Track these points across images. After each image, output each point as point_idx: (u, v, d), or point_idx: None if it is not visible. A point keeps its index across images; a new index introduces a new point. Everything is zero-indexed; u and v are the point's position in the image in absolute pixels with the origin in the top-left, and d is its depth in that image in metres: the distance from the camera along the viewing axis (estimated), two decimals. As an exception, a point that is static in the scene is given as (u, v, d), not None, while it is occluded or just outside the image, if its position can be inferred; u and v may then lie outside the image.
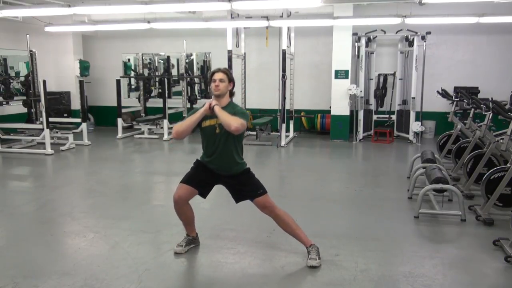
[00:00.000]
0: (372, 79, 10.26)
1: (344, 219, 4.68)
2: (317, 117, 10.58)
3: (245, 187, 3.50)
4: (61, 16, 9.16)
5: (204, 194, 3.62)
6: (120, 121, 10.23)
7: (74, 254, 3.75)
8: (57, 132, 8.97)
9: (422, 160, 5.80)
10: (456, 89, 8.70)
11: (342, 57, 9.46)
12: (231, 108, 3.40)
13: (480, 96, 8.58)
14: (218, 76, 3.41)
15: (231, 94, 3.51)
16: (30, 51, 8.77)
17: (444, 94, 7.43)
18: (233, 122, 3.21)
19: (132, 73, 12.03)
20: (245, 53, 10.38)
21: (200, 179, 3.55)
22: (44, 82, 8.18)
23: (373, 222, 4.50)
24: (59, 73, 11.13)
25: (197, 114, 3.38)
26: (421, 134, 9.59)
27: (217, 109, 3.31)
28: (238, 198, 3.58)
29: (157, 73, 12.20)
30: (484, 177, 4.54)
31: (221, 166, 3.49)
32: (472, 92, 8.48)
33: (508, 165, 4.40)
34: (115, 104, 10.30)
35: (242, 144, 3.55)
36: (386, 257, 3.63)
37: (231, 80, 3.47)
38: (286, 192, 5.93)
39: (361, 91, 9.56)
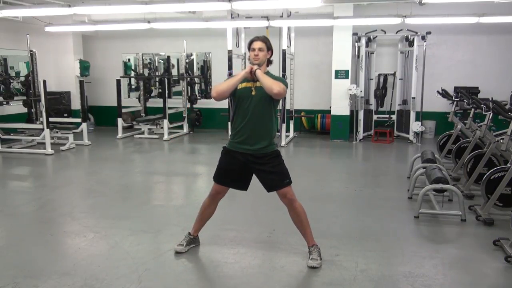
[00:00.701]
0: (372, 79, 10.26)
1: (344, 219, 4.68)
2: (317, 117, 10.58)
3: (273, 175, 3.41)
4: (61, 16, 9.16)
5: (243, 188, 3.56)
6: (120, 121, 10.23)
7: (74, 254, 3.75)
8: (57, 132, 8.97)
9: (422, 160, 5.80)
10: (456, 89, 8.70)
11: (342, 57, 9.46)
12: (270, 76, 3.38)
13: (480, 96, 8.58)
14: (257, 45, 3.38)
15: (269, 62, 3.48)
16: (30, 51, 8.76)
17: (444, 94, 7.43)
18: (275, 86, 3.21)
19: (132, 73, 12.03)
20: (245, 53, 10.36)
21: (230, 175, 3.50)
22: (44, 82, 8.18)
23: (373, 222, 4.50)
24: (59, 73, 11.13)
25: (238, 76, 3.35)
26: (421, 134, 9.59)
27: (259, 73, 3.29)
28: (269, 187, 3.47)
29: (157, 73, 12.19)
30: (484, 177, 4.54)
31: (250, 137, 3.38)
32: (472, 92, 8.48)
33: (508, 165, 4.40)
34: (115, 104, 10.30)
35: (276, 116, 3.48)
36: (386, 257, 3.63)
37: (269, 48, 3.44)
38: (286, 192, 5.92)
39: (361, 91, 9.56)
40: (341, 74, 9.54)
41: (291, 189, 3.45)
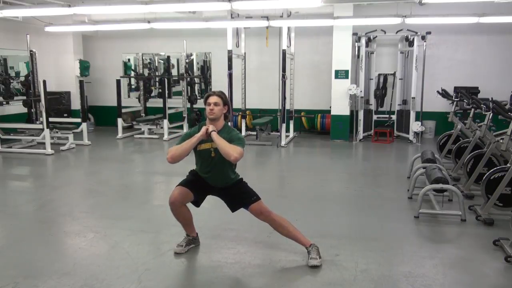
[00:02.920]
0: (372, 79, 10.26)
1: (344, 219, 4.68)
2: (317, 117, 10.58)
3: (238, 196, 3.53)
4: (61, 16, 9.17)
5: (198, 203, 3.64)
6: (120, 121, 10.23)
7: (74, 254, 3.75)
8: (57, 132, 8.97)
9: (422, 160, 5.80)
10: (456, 89, 8.70)
11: (342, 57, 9.46)
12: (227, 133, 3.40)
13: (480, 96, 8.58)
14: (213, 99, 3.40)
15: (226, 117, 3.51)
16: (30, 51, 8.76)
17: (444, 94, 7.43)
18: (232, 152, 3.22)
19: (132, 73, 12.03)
20: (245, 53, 10.39)
21: (196, 185, 3.57)
22: (44, 82, 8.18)
23: (373, 222, 4.50)
24: (59, 73, 11.13)
25: (193, 139, 3.35)
26: (421, 134, 9.59)
27: (215, 136, 3.31)
28: (233, 207, 3.60)
29: (157, 73, 12.20)
30: (484, 177, 4.54)
31: (215, 182, 3.55)
32: (472, 92, 8.48)
33: (508, 165, 4.39)
34: (115, 104, 10.30)
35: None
36: (386, 257, 3.62)
37: (225, 103, 3.46)
38: (287, 192, 5.93)
39: (361, 91, 9.56)
40: (341, 74, 9.54)
41: (263, 204, 3.50)
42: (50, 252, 3.78)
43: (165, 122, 9.95)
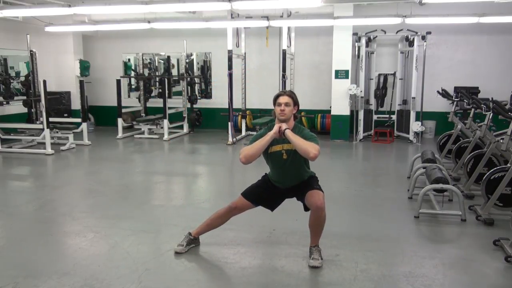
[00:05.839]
0: (372, 79, 10.26)
1: (344, 219, 4.67)
2: (317, 117, 10.57)
3: (306, 183, 3.43)
4: (61, 16, 9.17)
5: (270, 209, 3.61)
6: (120, 121, 10.23)
7: (74, 254, 3.75)
8: (57, 132, 8.97)
9: (422, 160, 5.80)
10: (456, 89, 8.70)
11: (342, 57, 9.46)
12: (298, 132, 3.31)
13: (480, 96, 8.58)
14: (284, 99, 3.29)
15: (295, 117, 3.41)
16: (30, 51, 8.76)
17: (444, 94, 7.43)
18: (311, 149, 3.14)
19: (132, 73, 12.03)
20: (245, 53, 10.39)
21: (263, 197, 3.53)
22: (45, 82, 8.18)
23: (373, 222, 4.50)
24: (59, 73, 11.13)
25: (266, 137, 3.25)
26: (421, 134, 9.59)
27: (290, 134, 3.20)
28: (302, 194, 3.42)
29: (157, 73, 12.20)
30: (484, 177, 4.54)
31: (290, 183, 3.46)
32: (472, 92, 8.48)
33: (508, 165, 4.40)
34: (115, 104, 10.30)
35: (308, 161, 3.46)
36: (386, 257, 3.63)
37: (296, 103, 3.36)
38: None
39: (361, 91, 9.56)
40: (341, 74, 9.53)
41: (323, 198, 3.37)
42: (50, 252, 3.78)
43: (165, 122, 9.95)
